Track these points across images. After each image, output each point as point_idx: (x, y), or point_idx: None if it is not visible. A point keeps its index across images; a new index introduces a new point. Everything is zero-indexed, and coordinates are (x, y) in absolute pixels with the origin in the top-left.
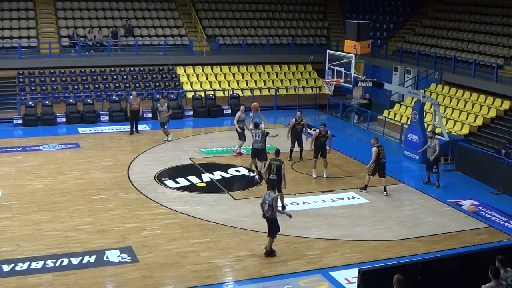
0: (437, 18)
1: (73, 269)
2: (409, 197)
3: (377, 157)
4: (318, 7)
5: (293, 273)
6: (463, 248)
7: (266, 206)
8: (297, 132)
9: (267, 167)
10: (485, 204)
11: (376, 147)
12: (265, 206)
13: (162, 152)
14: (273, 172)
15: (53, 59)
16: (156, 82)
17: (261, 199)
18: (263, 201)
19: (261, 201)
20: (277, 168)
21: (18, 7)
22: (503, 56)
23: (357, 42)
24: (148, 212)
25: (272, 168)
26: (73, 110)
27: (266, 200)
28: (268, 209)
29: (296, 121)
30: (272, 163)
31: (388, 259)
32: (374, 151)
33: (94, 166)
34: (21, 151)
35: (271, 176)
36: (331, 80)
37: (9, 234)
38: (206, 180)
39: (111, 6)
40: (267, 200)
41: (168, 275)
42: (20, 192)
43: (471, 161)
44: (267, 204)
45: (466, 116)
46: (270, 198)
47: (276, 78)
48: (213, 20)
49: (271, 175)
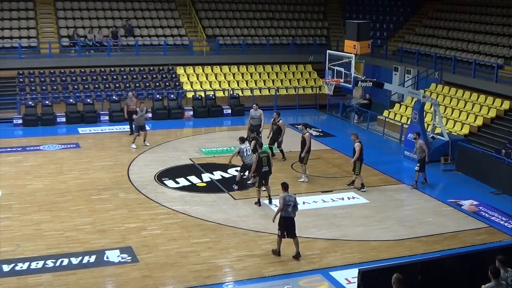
0: (437, 18)
1: (73, 269)
2: (409, 197)
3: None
4: (318, 7)
5: (293, 273)
6: (463, 248)
7: (290, 207)
8: (274, 133)
9: (257, 161)
10: (485, 204)
11: (359, 142)
12: (289, 208)
13: (162, 152)
14: (265, 164)
15: (53, 59)
16: (156, 82)
17: (279, 204)
18: (284, 203)
19: (280, 206)
20: (267, 159)
21: (18, 7)
22: (503, 56)
23: (357, 42)
24: (148, 212)
25: (263, 161)
26: (73, 110)
27: (290, 201)
28: (293, 209)
29: (272, 122)
30: (262, 156)
31: (388, 259)
32: (357, 146)
33: (94, 166)
34: (21, 151)
35: (263, 169)
36: (331, 80)
37: (9, 234)
38: (206, 180)
39: (111, 6)
40: (291, 202)
41: (168, 275)
42: (20, 192)
43: (471, 161)
44: (292, 206)
45: (466, 116)
46: (293, 198)
47: (276, 78)
48: (213, 20)
49: (263, 168)
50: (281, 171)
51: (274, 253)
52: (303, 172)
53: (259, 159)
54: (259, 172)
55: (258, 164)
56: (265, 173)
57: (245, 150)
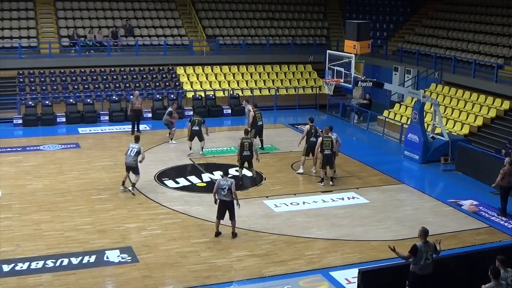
0: (437, 18)
1: (73, 269)
2: (409, 197)
3: (321, 148)
4: (318, 7)
5: (293, 273)
6: (463, 248)
7: (224, 191)
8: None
9: (239, 146)
10: (485, 204)
11: (322, 137)
12: (223, 191)
13: (162, 152)
14: (246, 149)
15: (53, 59)
16: (156, 82)
17: (214, 187)
18: (217, 187)
19: (215, 189)
20: (249, 145)
21: (18, 7)
22: (503, 56)
23: (357, 42)
24: (148, 212)
25: (244, 146)
26: (73, 110)
27: (224, 185)
28: (227, 193)
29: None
30: (244, 141)
31: (388, 259)
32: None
33: (94, 166)
34: (21, 151)
35: (244, 153)
36: (331, 80)
37: (9, 234)
38: (206, 180)
39: (111, 6)
40: (225, 185)
41: (168, 275)
42: (20, 192)
43: (471, 161)
44: (226, 189)
45: (466, 116)
46: (229, 182)
47: (276, 78)
48: (213, 20)
49: (244, 152)
50: (281, 171)
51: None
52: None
53: (241, 143)
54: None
55: (240, 148)
56: (246, 156)
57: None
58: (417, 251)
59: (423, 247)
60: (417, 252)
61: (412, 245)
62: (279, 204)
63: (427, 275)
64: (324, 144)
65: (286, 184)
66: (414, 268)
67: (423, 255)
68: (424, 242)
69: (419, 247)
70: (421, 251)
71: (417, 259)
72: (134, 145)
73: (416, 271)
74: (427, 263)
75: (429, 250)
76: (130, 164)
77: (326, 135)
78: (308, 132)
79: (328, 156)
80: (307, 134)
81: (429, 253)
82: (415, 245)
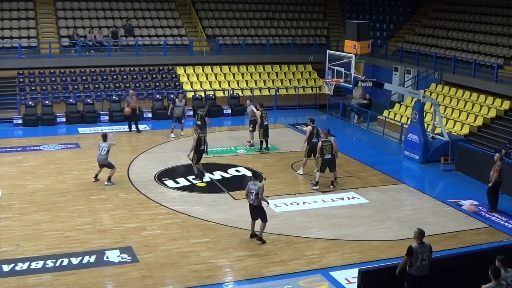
0: (437, 18)
1: (73, 269)
2: (409, 197)
3: (321, 152)
4: (318, 7)
5: (293, 273)
6: (463, 248)
7: (253, 195)
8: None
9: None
10: (485, 204)
11: (322, 142)
12: (251, 195)
13: (162, 152)
14: (327, 152)
15: (53, 59)
16: (156, 82)
17: (246, 189)
18: (247, 191)
19: (246, 191)
20: (330, 148)
21: (18, 7)
22: (503, 56)
23: (357, 42)
24: (148, 212)
25: (325, 149)
26: (73, 110)
27: (252, 189)
28: (254, 199)
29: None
30: (324, 144)
31: (388, 259)
32: (308, 130)
33: (94, 166)
34: (21, 151)
35: (325, 156)
36: (331, 80)
37: (9, 234)
38: (206, 180)
39: (111, 6)
40: (253, 190)
41: (168, 275)
42: (20, 192)
43: (471, 161)
44: (253, 193)
45: (466, 116)
46: (257, 187)
47: (276, 78)
48: (213, 20)
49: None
50: (281, 171)
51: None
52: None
53: (198, 138)
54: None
55: (197, 142)
56: (328, 160)
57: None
58: (413, 252)
59: (419, 248)
60: (413, 254)
61: (408, 246)
62: (279, 204)
63: (424, 276)
64: (324, 149)
65: (286, 184)
66: (410, 270)
67: (418, 256)
68: (420, 243)
69: (415, 248)
70: (416, 252)
71: (413, 261)
72: (104, 144)
73: (413, 273)
74: (423, 264)
75: (425, 251)
76: (102, 162)
77: (325, 139)
78: (310, 133)
79: (329, 160)
80: (310, 135)
81: (425, 254)
82: (410, 246)
